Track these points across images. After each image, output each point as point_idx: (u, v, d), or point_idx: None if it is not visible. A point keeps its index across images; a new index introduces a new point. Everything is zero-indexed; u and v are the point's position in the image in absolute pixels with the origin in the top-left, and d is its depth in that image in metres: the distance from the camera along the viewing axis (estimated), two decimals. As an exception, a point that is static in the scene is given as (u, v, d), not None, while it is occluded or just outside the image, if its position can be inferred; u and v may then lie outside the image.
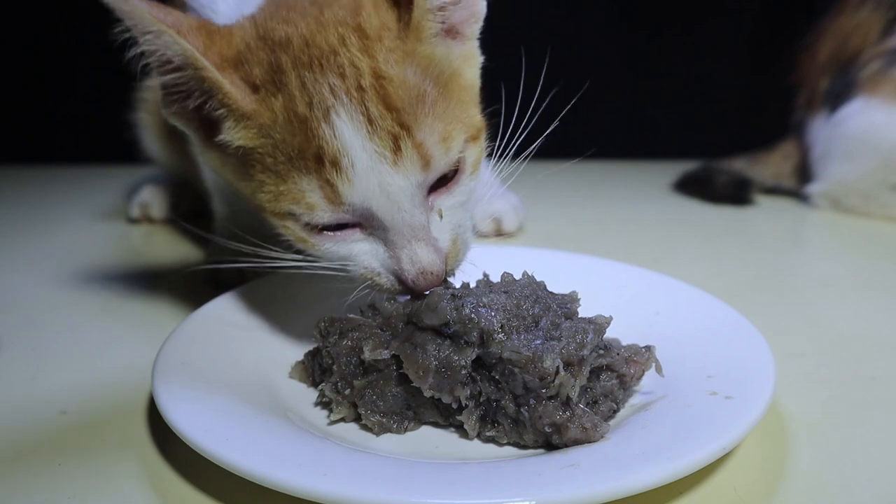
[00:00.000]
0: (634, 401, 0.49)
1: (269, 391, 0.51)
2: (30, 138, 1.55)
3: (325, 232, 0.50)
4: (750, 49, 1.63)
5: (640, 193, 1.34)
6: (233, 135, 0.49)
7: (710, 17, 1.60)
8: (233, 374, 0.51)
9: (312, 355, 0.52)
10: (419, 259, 0.49)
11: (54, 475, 0.44)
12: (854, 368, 0.58)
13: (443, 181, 0.51)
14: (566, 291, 0.51)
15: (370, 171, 0.47)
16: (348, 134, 0.46)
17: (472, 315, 0.45)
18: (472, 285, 0.51)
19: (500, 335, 0.45)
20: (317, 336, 0.51)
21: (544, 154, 0.60)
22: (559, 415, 0.43)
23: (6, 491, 0.43)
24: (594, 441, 0.43)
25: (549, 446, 0.44)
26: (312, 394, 0.52)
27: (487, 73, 0.57)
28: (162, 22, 0.46)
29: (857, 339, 0.65)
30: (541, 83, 0.57)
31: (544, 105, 0.56)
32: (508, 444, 0.46)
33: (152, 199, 1.05)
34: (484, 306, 0.46)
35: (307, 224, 0.50)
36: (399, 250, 0.49)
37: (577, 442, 0.43)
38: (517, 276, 0.52)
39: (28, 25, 1.51)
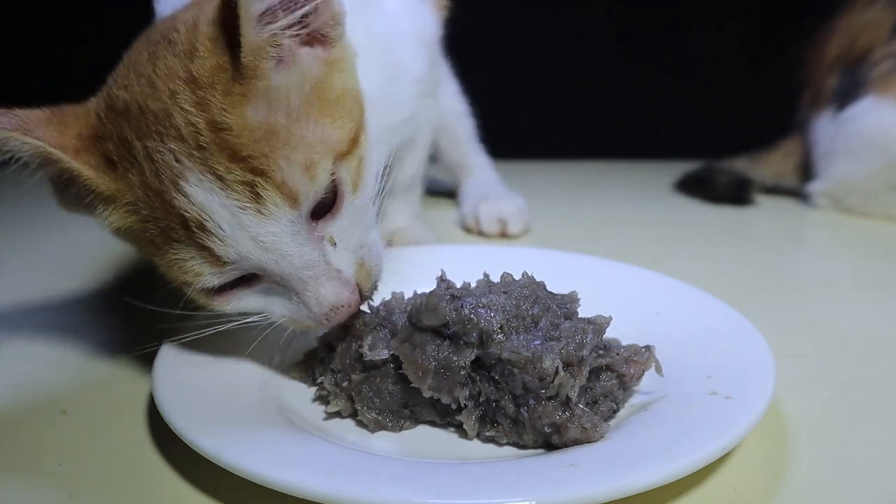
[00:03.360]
0: (634, 401, 0.49)
1: (268, 390, 0.51)
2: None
3: (228, 290, 0.48)
4: (751, 48, 1.63)
5: (641, 193, 1.34)
6: (105, 218, 0.48)
7: (712, 17, 1.60)
8: (233, 374, 0.51)
9: (312, 355, 0.52)
10: (325, 297, 0.47)
11: (54, 475, 0.44)
12: (854, 368, 0.58)
13: (326, 206, 0.47)
14: (566, 291, 0.51)
15: (238, 227, 0.44)
16: (203, 197, 0.44)
17: (472, 315, 0.45)
18: (472, 285, 0.51)
19: (499, 336, 0.45)
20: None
21: (547, 154, 0.60)
22: (559, 415, 0.43)
23: (6, 491, 0.43)
24: (594, 441, 0.43)
25: (549, 446, 0.44)
26: (311, 393, 0.51)
27: (488, 69, 0.57)
28: (3, 128, 0.44)
29: (857, 339, 0.65)
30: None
31: (546, 105, 0.55)
32: (508, 444, 0.46)
33: None
34: (483, 307, 0.46)
35: (202, 289, 0.47)
36: (302, 293, 0.47)
37: (576, 442, 0.43)
38: (517, 277, 0.52)
39: (27, 25, 1.51)
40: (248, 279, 0.48)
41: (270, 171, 0.44)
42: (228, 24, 0.44)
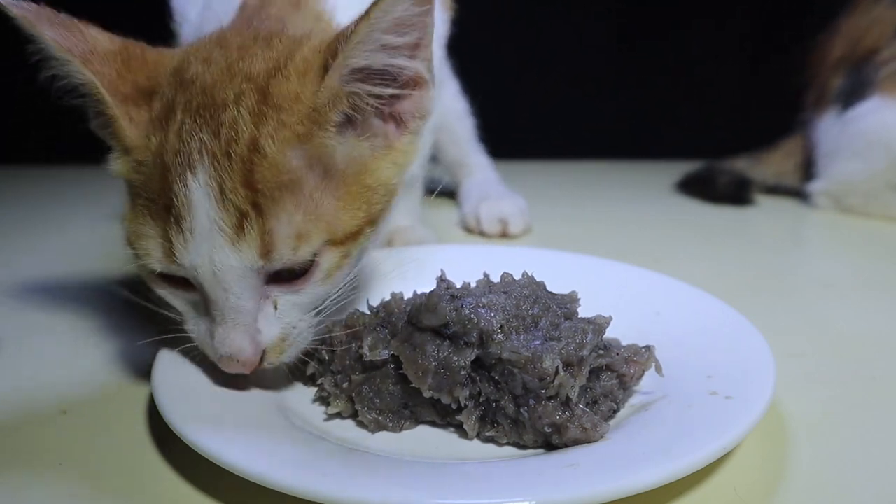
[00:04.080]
0: (634, 401, 0.49)
1: (268, 391, 0.51)
2: (30, 138, 1.55)
3: (165, 280, 0.48)
4: (752, 48, 1.63)
5: (641, 194, 1.34)
6: (113, 164, 0.48)
7: (712, 17, 1.60)
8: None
9: (312, 354, 0.52)
10: (229, 344, 0.46)
11: (54, 475, 0.44)
12: (854, 368, 0.58)
13: (292, 274, 0.46)
14: (566, 291, 0.51)
15: (205, 241, 0.44)
16: (197, 197, 0.44)
17: (472, 316, 0.45)
18: (472, 285, 0.51)
19: (499, 336, 0.45)
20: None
21: (547, 154, 0.60)
22: (559, 415, 0.43)
23: (6, 491, 0.43)
24: (594, 441, 0.43)
25: (549, 446, 0.44)
26: (311, 393, 0.51)
27: (488, 69, 0.57)
28: (68, 50, 0.44)
29: (857, 339, 0.65)
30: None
31: (546, 105, 0.55)
32: (508, 444, 0.46)
33: None
34: (483, 307, 0.46)
35: (143, 265, 0.47)
36: (216, 326, 0.46)
37: (577, 442, 0.43)
38: (517, 277, 0.52)
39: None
40: (187, 282, 0.47)
41: (269, 215, 0.44)
42: (328, 62, 0.45)
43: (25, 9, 0.45)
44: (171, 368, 0.50)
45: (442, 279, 0.51)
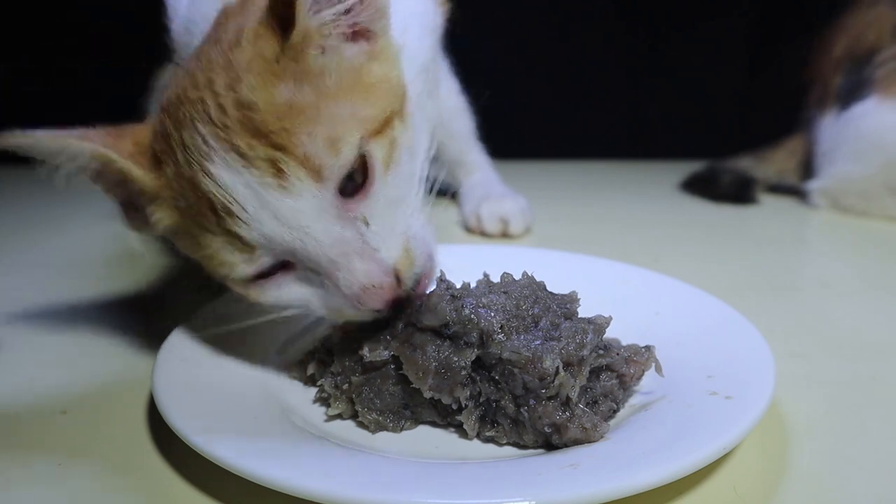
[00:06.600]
0: (634, 401, 0.49)
1: (268, 391, 0.51)
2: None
3: (264, 279, 0.47)
4: (756, 46, 1.63)
5: (642, 194, 1.34)
6: (155, 217, 0.48)
7: (714, 13, 1.59)
8: (233, 374, 0.51)
9: (312, 355, 0.52)
10: (355, 275, 0.45)
11: (54, 475, 0.44)
12: (854, 368, 0.58)
13: (357, 185, 0.46)
14: (566, 291, 0.51)
15: (261, 206, 0.44)
16: (227, 177, 0.44)
17: (472, 316, 0.45)
18: (472, 285, 0.51)
19: (499, 336, 0.45)
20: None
21: (548, 154, 0.60)
22: (559, 415, 0.43)
23: (6, 491, 0.43)
24: (594, 441, 0.43)
25: (549, 446, 0.44)
26: (311, 393, 0.52)
27: (488, 68, 0.57)
28: (60, 136, 0.45)
29: (857, 339, 0.65)
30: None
31: (545, 104, 0.55)
32: (508, 444, 0.46)
33: None
34: (483, 307, 0.46)
35: (238, 279, 0.47)
36: (333, 275, 0.45)
37: (577, 442, 0.43)
38: (517, 277, 0.52)
39: (30, 24, 1.51)
40: (283, 267, 0.47)
41: (292, 145, 0.44)
42: (279, 13, 0.45)
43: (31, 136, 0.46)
44: (171, 368, 0.50)
45: (442, 279, 0.51)
